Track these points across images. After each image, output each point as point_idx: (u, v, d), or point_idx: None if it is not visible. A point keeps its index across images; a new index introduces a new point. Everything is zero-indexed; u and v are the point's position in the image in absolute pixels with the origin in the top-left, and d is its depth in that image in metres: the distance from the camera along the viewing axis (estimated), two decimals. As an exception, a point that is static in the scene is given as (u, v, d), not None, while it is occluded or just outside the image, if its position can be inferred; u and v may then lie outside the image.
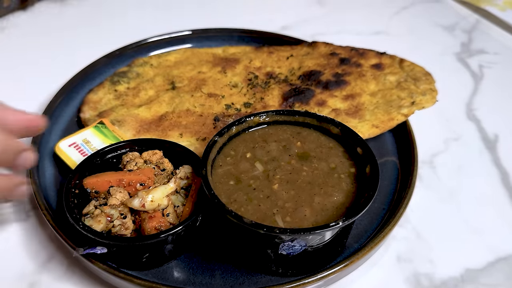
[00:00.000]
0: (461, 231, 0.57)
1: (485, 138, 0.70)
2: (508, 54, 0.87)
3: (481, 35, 0.93)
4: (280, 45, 0.77)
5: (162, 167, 0.54)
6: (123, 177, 0.52)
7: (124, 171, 0.53)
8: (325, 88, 0.68)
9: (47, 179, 0.58)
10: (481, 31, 0.94)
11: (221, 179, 0.50)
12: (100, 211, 0.49)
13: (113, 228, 0.48)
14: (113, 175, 0.52)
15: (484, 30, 0.94)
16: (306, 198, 0.48)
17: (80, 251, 0.47)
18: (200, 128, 0.63)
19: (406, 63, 0.71)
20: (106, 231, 0.48)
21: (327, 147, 0.54)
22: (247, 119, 0.55)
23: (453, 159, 0.66)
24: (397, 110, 0.63)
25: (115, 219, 0.49)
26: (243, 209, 0.46)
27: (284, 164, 0.51)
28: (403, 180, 0.59)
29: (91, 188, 0.51)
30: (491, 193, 0.62)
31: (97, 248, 0.47)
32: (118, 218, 0.49)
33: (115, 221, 0.48)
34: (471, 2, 0.99)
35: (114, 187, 0.51)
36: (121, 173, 0.53)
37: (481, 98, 0.77)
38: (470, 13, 0.99)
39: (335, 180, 0.50)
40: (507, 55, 0.87)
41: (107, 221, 0.48)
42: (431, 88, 0.66)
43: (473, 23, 0.97)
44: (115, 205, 0.49)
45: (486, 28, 0.95)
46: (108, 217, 0.48)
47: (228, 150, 0.53)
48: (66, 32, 0.90)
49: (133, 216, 0.50)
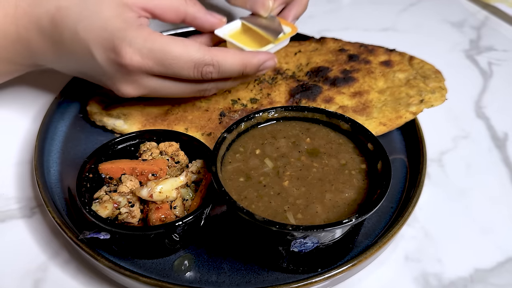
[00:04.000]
0: (470, 231, 0.58)
1: (494, 136, 0.71)
2: (517, 51, 0.89)
3: (490, 32, 0.94)
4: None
5: (177, 160, 0.56)
6: (136, 166, 0.53)
7: (139, 160, 0.55)
8: (332, 84, 0.69)
9: (52, 176, 0.59)
10: (490, 28, 0.96)
11: (231, 175, 0.51)
12: (108, 197, 0.51)
13: (120, 216, 0.50)
14: (127, 163, 0.54)
15: (493, 26, 0.96)
16: (317, 195, 0.49)
17: (85, 235, 0.48)
18: (205, 123, 0.65)
19: (416, 61, 0.72)
20: (112, 217, 0.50)
21: (337, 143, 0.55)
22: (256, 115, 0.56)
23: (462, 157, 0.68)
24: (406, 108, 0.65)
25: (122, 207, 0.50)
26: (254, 206, 0.48)
27: (293, 161, 0.53)
28: (412, 178, 0.61)
29: (105, 173, 0.54)
30: (500, 192, 0.63)
31: (101, 233, 0.49)
32: (125, 206, 0.50)
33: (122, 209, 0.50)
34: (480, -2, 1.01)
35: (126, 175, 0.52)
36: (135, 161, 0.55)
37: (490, 96, 0.79)
38: (478, 10, 1.01)
39: (346, 177, 0.51)
40: (516, 53, 0.89)
41: (114, 208, 0.50)
42: (440, 86, 0.67)
43: (482, 19, 0.98)
44: (124, 193, 0.51)
45: (495, 24, 0.97)
46: (115, 204, 0.50)
47: (237, 146, 0.54)
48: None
49: (142, 205, 0.52)
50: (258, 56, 0.58)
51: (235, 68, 0.56)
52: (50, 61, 0.59)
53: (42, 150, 0.61)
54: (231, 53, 0.56)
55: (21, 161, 0.65)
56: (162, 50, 0.52)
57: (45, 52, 0.58)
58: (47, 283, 0.52)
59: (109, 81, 0.56)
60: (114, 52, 0.52)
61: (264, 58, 0.58)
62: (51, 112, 0.65)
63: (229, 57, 0.55)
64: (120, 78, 0.54)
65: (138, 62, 0.52)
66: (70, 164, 0.61)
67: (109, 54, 0.53)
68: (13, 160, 0.65)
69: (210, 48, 0.55)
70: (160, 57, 0.52)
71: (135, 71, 0.53)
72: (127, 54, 0.52)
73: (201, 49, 0.54)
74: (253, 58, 0.57)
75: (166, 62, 0.53)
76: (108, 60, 0.53)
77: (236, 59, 0.56)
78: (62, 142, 0.64)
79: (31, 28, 0.56)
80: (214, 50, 0.55)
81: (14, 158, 0.65)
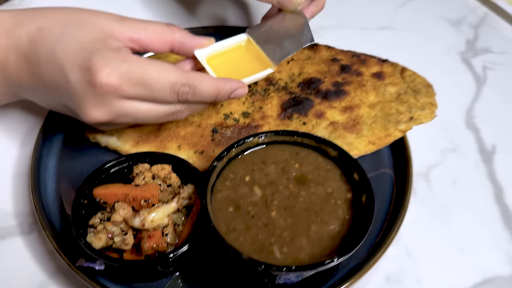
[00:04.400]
0: (451, 251, 0.61)
1: (482, 150, 0.73)
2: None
3: (488, 31, 0.94)
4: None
5: (169, 183, 0.58)
6: (129, 192, 0.56)
7: (132, 185, 0.57)
8: (324, 98, 0.70)
9: (48, 194, 0.61)
10: (488, 26, 0.95)
11: (220, 205, 0.53)
12: (102, 226, 0.53)
13: (114, 244, 0.53)
14: (120, 188, 0.56)
15: (491, 24, 0.95)
16: (303, 227, 0.51)
17: (81, 262, 0.51)
18: (198, 140, 0.66)
19: (408, 73, 0.73)
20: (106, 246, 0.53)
21: (325, 169, 0.57)
22: (246, 140, 0.57)
23: (449, 172, 0.70)
24: (395, 125, 0.66)
25: (115, 236, 0.53)
26: (241, 238, 0.50)
27: (282, 189, 0.55)
28: (398, 197, 0.63)
29: (100, 198, 0.56)
30: (483, 210, 0.66)
31: (96, 263, 0.52)
32: (119, 235, 0.53)
33: (116, 238, 0.53)
34: (480, -8, 0.99)
35: (119, 202, 0.55)
36: (128, 187, 0.57)
37: (482, 104, 0.80)
38: (478, 5, 1.00)
39: (331, 207, 0.53)
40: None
41: (108, 238, 0.52)
42: (430, 102, 0.68)
43: (481, 16, 0.97)
44: (118, 222, 0.53)
45: (494, 22, 0.96)
46: (109, 234, 0.52)
47: (228, 173, 0.56)
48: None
49: (134, 231, 0.54)
50: (231, 83, 0.59)
51: (209, 92, 0.57)
52: (25, 87, 0.59)
53: (38, 168, 0.63)
54: (207, 77, 0.58)
55: (18, 173, 0.66)
56: (140, 71, 0.53)
57: (20, 76, 0.57)
58: (47, 302, 0.55)
59: (77, 105, 0.54)
60: (90, 72, 0.51)
61: (236, 86, 0.59)
62: (46, 127, 0.67)
63: (205, 81, 0.57)
64: (91, 101, 0.53)
65: (115, 82, 0.52)
66: (66, 181, 0.63)
67: (83, 73, 0.52)
68: (9, 173, 0.66)
69: (187, 71, 0.56)
70: (138, 77, 0.53)
71: (110, 91, 0.52)
72: (104, 73, 0.51)
73: (178, 71, 0.55)
74: (226, 84, 0.58)
75: (144, 82, 0.53)
76: (82, 81, 0.52)
77: (211, 83, 0.57)
78: (57, 157, 0.66)
79: (9, 49, 0.56)
80: (191, 72, 0.56)
81: (11, 171, 0.67)
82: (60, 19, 0.56)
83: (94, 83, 0.52)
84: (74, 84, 0.53)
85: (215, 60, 0.65)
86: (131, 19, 0.59)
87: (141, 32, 0.57)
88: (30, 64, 0.56)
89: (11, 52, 0.56)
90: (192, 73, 0.56)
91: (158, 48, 0.59)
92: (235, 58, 0.67)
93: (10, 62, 0.57)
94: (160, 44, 0.59)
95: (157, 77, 0.53)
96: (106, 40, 0.55)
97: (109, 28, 0.56)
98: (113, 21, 0.57)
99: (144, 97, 0.55)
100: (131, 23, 0.58)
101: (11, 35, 0.56)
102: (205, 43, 0.63)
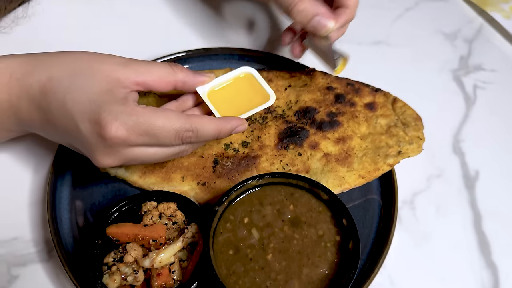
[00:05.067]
0: (430, 279, 0.68)
1: (466, 176, 0.79)
2: (504, 71, 0.93)
3: (481, 45, 0.97)
4: (280, 70, 0.82)
5: (174, 220, 0.64)
6: (139, 232, 0.62)
7: (141, 225, 0.63)
8: (319, 128, 0.75)
9: (64, 225, 0.67)
10: (483, 40, 0.98)
11: (221, 248, 0.59)
12: (116, 268, 0.60)
13: (126, 282, 0.59)
14: (131, 229, 0.63)
15: (486, 37, 0.98)
16: (295, 270, 0.58)
17: None
18: (200, 172, 0.71)
19: (399, 104, 0.77)
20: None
21: (317, 211, 0.63)
22: (245, 183, 0.63)
23: (433, 199, 0.76)
24: (384, 159, 0.71)
25: (128, 276, 0.59)
26: (240, 281, 0.57)
27: (277, 231, 0.61)
28: (384, 227, 0.69)
29: (112, 237, 0.62)
30: (462, 238, 0.72)
31: None
32: (131, 275, 0.59)
33: (128, 277, 0.59)
34: (477, 3, 1.01)
35: (131, 244, 0.61)
36: (137, 227, 0.63)
37: (470, 128, 0.84)
38: (475, 16, 1.01)
39: (321, 250, 0.60)
40: (503, 73, 0.92)
41: (122, 279, 0.59)
42: (418, 136, 0.73)
43: (476, 28, 1.00)
44: (129, 263, 0.60)
45: (489, 35, 0.98)
46: (122, 275, 0.59)
47: (228, 215, 0.62)
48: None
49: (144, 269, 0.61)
50: (231, 122, 0.64)
51: (211, 133, 0.62)
52: (37, 128, 0.64)
53: (53, 199, 0.69)
54: (207, 119, 0.62)
55: (33, 202, 0.72)
56: (147, 123, 0.57)
57: (32, 120, 0.62)
58: (68, 328, 0.62)
59: (89, 152, 0.60)
60: (100, 125, 0.56)
61: (236, 124, 0.65)
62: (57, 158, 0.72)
63: (206, 124, 0.62)
64: (101, 150, 0.58)
65: (123, 135, 0.57)
66: (79, 210, 0.69)
67: (94, 126, 0.57)
68: (25, 201, 0.72)
69: (189, 116, 0.61)
70: (144, 128, 0.57)
71: (119, 143, 0.57)
72: (113, 128, 0.56)
73: (181, 118, 0.60)
74: (227, 124, 0.64)
75: (150, 133, 0.58)
76: (92, 132, 0.57)
77: (212, 125, 0.62)
78: (70, 187, 0.71)
79: (21, 97, 0.60)
80: (192, 117, 0.61)
81: (26, 199, 0.72)
82: (69, 68, 0.60)
83: (104, 136, 0.56)
84: (85, 134, 0.58)
85: (216, 95, 0.70)
86: (135, 62, 0.63)
87: (146, 76, 0.62)
88: (42, 111, 0.60)
89: (23, 99, 0.60)
90: (194, 118, 0.61)
91: (161, 88, 0.64)
92: (235, 91, 0.72)
93: (23, 108, 0.61)
94: (164, 85, 0.64)
95: (162, 127, 0.58)
96: (113, 89, 0.59)
97: (115, 75, 0.60)
98: (118, 66, 0.61)
99: (151, 144, 0.60)
100: (135, 67, 0.62)
101: (23, 83, 0.60)
102: (206, 80, 0.68)
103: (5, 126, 0.64)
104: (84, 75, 0.59)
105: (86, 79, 0.59)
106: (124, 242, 0.62)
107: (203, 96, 0.68)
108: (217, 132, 0.63)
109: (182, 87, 0.66)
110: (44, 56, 0.62)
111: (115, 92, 0.59)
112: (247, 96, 0.72)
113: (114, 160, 0.60)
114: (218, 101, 0.69)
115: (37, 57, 0.62)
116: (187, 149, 0.64)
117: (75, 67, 0.60)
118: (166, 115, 0.59)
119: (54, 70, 0.60)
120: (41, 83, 0.59)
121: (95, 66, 0.60)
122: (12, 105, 0.61)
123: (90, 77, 0.59)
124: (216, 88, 0.70)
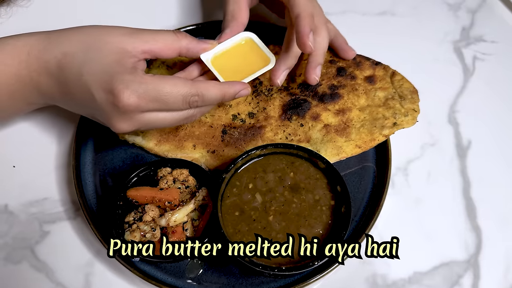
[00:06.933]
0: (418, 238, 0.76)
1: (458, 145, 0.85)
2: (504, 43, 0.97)
3: (484, 16, 1.00)
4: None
5: (187, 184, 0.72)
6: (155, 195, 0.70)
7: (157, 188, 0.71)
8: (320, 100, 0.81)
9: (88, 188, 0.76)
10: (486, 10, 1.01)
11: (228, 210, 0.68)
12: (136, 226, 0.69)
13: (145, 238, 0.69)
14: (148, 192, 0.71)
15: (490, 8, 1.01)
16: (293, 230, 0.66)
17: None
18: (210, 140, 0.79)
19: (397, 77, 0.82)
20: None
21: (314, 178, 0.71)
22: (250, 153, 0.70)
23: (425, 166, 0.82)
24: (380, 130, 0.78)
25: (147, 233, 0.69)
26: (244, 239, 0.66)
27: (278, 196, 0.69)
28: (377, 190, 0.76)
29: (133, 198, 0.71)
30: (451, 202, 0.79)
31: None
32: (149, 232, 0.69)
33: (147, 234, 0.68)
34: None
35: (149, 205, 0.70)
36: (154, 190, 0.71)
37: (466, 99, 0.90)
38: (481, -16, 1.04)
39: (317, 213, 0.68)
40: (503, 44, 0.96)
41: (141, 235, 0.68)
42: (413, 109, 0.79)
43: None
44: (148, 222, 0.69)
45: (493, 5, 1.02)
46: (141, 232, 0.68)
47: (235, 180, 0.70)
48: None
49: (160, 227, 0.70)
50: (235, 86, 0.70)
51: (215, 97, 0.68)
52: (58, 101, 0.71)
53: (78, 164, 0.77)
54: (212, 84, 0.68)
55: (59, 165, 0.81)
56: (155, 89, 0.63)
57: (53, 93, 0.69)
58: (95, 276, 0.72)
59: (106, 119, 0.66)
60: (113, 94, 0.62)
61: (240, 88, 0.70)
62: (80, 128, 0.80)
63: (211, 88, 0.67)
64: (117, 117, 0.64)
65: (135, 102, 0.63)
66: (101, 174, 0.78)
67: (107, 95, 0.63)
68: (52, 165, 0.81)
69: (194, 81, 0.67)
70: (154, 95, 0.63)
71: (131, 110, 0.63)
72: (125, 96, 0.62)
73: (187, 84, 0.65)
74: (230, 88, 0.69)
75: (159, 99, 0.64)
76: (107, 101, 0.63)
77: (216, 89, 0.68)
78: (92, 153, 0.80)
79: (41, 72, 0.67)
80: (198, 82, 0.67)
81: (52, 163, 0.81)
82: (81, 43, 0.66)
83: (117, 104, 0.63)
84: (100, 103, 0.64)
85: (219, 61, 0.75)
86: (141, 31, 0.68)
87: (151, 44, 0.68)
88: (60, 84, 0.67)
89: (42, 74, 0.67)
90: (199, 83, 0.67)
91: (167, 55, 0.70)
92: (238, 56, 0.77)
93: (43, 82, 0.68)
94: (169, 51, 0.70)
95: (170, 93, 0.64)
96: (122, 60, 0.65)
97: (122, 45, 0.66)
98: (125, 36, 0.67)
99: (161, 109, 0.66)
100: (141, 36, 0.68)
101: (41, 59, 0.67)
102: (209, 47, 0.73)
103: (28, 99, 0.71)
104: (95, 48, 0.65)
105: (97, 52, 0.65)
106: (142, 204, 0.70)
107: (207, 62, 0.73)
108: (222, 96, 0.69)
109: (186, 53, 0.71)
110: (57, 33, 0.69)
111: (124, 62, 0.65)
112: (249, 61, 0.77)
113: (129, 125, 0.66)
114: (222, 67, 0.74)
115: (51, 34, 0.69)
116: (195, 114, 0.70)
117: (86, 41, 0.66)
118: (173, 82, 0.65)
119: (68, 46, 0.66)
120: (57, 59, 0.66)
121: (104, 38, 0.66)
122: (33, 80, 0.68)
123: (100, 50, 0.65)
124: (219, 54, 0.76)
